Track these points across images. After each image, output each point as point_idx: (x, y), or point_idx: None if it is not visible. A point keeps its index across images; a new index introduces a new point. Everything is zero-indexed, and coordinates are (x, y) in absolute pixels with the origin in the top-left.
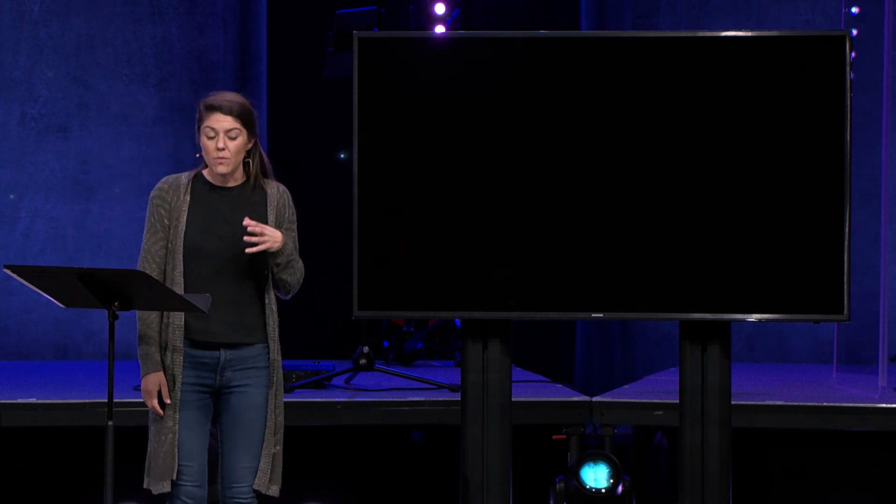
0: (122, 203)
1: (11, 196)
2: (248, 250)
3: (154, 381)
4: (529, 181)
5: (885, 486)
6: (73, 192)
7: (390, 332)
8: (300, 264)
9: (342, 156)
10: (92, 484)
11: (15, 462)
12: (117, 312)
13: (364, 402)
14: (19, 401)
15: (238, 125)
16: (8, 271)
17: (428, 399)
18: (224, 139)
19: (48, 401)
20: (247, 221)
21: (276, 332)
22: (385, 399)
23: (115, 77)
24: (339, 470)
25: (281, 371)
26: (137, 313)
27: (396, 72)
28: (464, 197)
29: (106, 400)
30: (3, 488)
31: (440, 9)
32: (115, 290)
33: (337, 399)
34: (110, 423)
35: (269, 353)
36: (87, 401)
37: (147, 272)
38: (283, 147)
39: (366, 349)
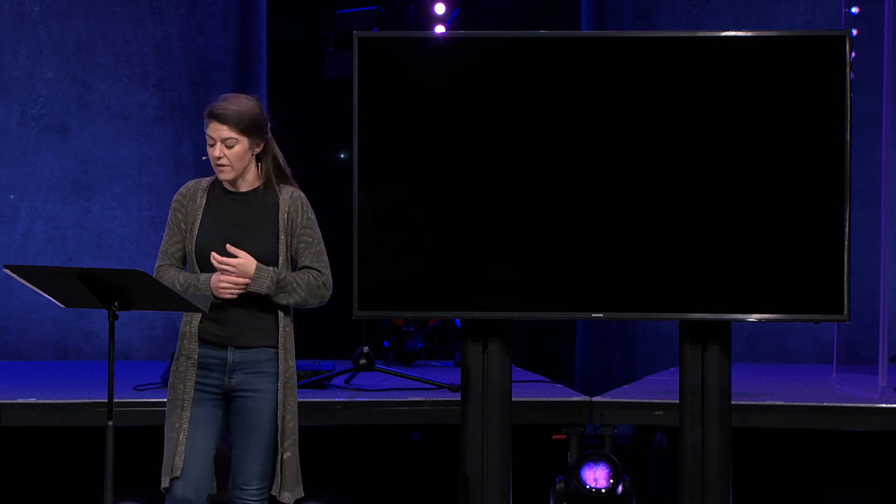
0: (122, 203)
1: (11, 196)
2: (221, 287)
3: (206, 279)
4: (529, 181)
5: (885, 486)
6: (73, 192)
7: (390, 332)
8: (306, 281)
9: (342, 156)
10: (92, 484)
11: (15, 462)
12: (117, 312)
13: (364, 402)
14: (19, 401)
15: (234, 134)
16: (8, 271)
17: (428, 399)
18: (221, 148)
19: (48, 401)
20: (229, 248)
21: (290, 338)
22: (385, 399)
23: (115, 77)
24: (339, 470)
25: (294, 377)
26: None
27: (396, 72)
28: (464, 197)
29: (106, 400)
30: (3, 488)
31: (440, 9)
32: (115, 290)
33: (337, 399)
34: (110, 423)
35: (278, 359)
36: (87, 401)
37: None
38: (283, 147)
39: (366, 349)
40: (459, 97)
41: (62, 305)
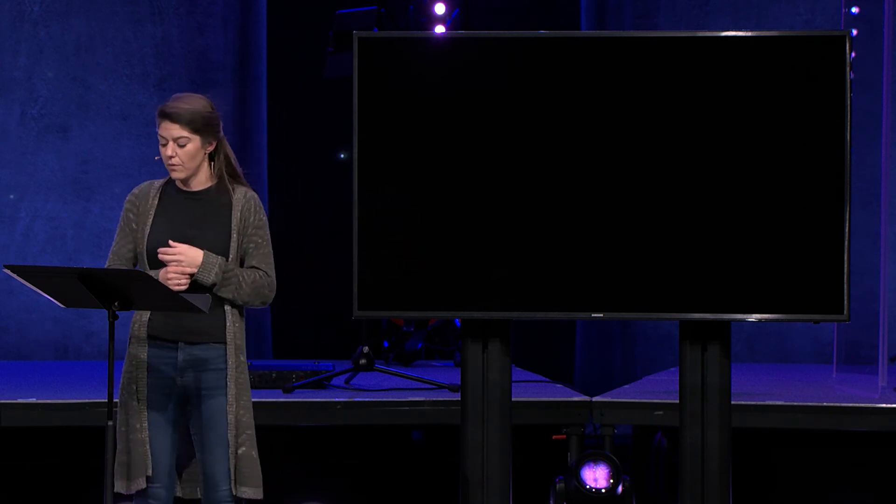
0: (122, 203)
1: (11, 196)
2: (169, 279)
3: (155, 275)
4: (529, 181)
5: (885, 486)
6: (73, 192)
7: (390, 332)
8: (252, 279)
9: (342, 156)
10: (92, 484)
11: (15, 462)
12: (117, 312)
13: (364, 402)
14: (19, 401)
15: (186, 133)
16: (8, 271)
17: (428, 399)
18: (173, 147)
19: (48, 401)
20: (172, 243)
21: (240, 334)
22: (385, 399)
23: (115, 77)
24: (339, 470)
25: (246, 373)
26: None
27: (396, 72)
28: (464, 197)
29: (106, 400)
30: (3, 488)
31: (440, 9)
32: (115, 290)
33: (337, 399)
34: (110, 423)
35: (227, 355)
36: (87, 401)
37: None
38: (283, 147)
39: (366, 349)
40: (459, 97)
41: (62, 305)
